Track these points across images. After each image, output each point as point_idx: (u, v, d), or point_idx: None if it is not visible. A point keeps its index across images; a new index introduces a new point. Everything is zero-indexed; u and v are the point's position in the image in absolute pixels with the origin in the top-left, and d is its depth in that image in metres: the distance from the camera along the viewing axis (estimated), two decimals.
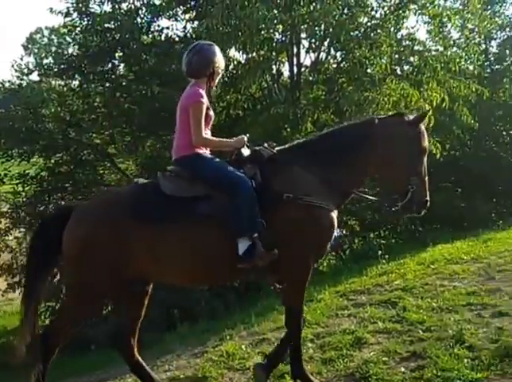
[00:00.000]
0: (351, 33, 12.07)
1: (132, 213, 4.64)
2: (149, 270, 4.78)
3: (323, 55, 13.57)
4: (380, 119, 5.16)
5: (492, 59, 20.01)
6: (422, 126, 5.13)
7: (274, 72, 12.87)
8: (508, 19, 20.12)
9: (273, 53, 12.36)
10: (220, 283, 6.73)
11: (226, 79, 13.28)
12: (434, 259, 9.74)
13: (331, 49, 13.44)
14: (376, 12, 13.31)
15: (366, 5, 12.94)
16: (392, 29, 13.12)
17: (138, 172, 15.48)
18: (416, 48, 13.48)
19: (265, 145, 5.05)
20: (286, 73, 13.68)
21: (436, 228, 16.23)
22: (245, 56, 12.32)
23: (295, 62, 13.23)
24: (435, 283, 8.21)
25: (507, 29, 20.03)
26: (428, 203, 5.10)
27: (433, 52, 13.95)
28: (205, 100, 4.88)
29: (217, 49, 5.09)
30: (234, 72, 13.20)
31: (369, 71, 12.52)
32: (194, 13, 14.00)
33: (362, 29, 12.32)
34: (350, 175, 5.01)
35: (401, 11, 13.05)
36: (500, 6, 20.08)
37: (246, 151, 5.00)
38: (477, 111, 15.71)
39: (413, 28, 13.96)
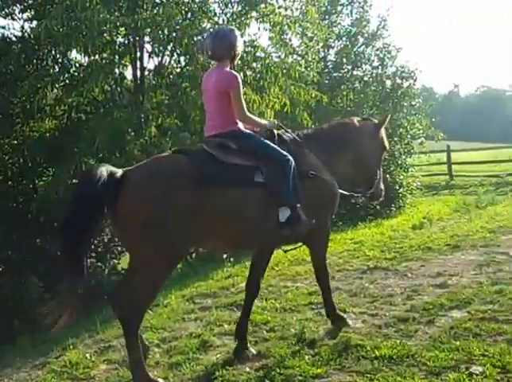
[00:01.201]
0: (195, 38, 12.11)
1: (201, 179, 4.95)
2: (212, 234, 5.19)
3: (166, 59, 13.48)
4: (360, 121, 6.55)
5: (330, 66, 20.79)
6: (383, 129, 6.62)
7: (117, 75, 12.62)
8: (344, 29, 20.97)
9: (116, 56, 12.16)
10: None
11: (67, 81, 12.92)
12: (278, 260, 9.99)
13: (175, 54, 13.41)
14: (219, 18, 13.45)
15: (209, 11, 13.08)
16: None
17: None
18: (258, 54, 13.73)
19: (282, 130, 5.93)
20: (129, 77, 13.48)
21: None
22: (87, 58, 12.00)
23: (138, 66, 13.06)
24: (279, 284, 8.46)
25: (344, 39, 20.87)
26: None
27: (275, 59, 14.29)
28: (240, 80, 5.47)
29: (237, 33, 5.77)
30: (76, 74, 12.85)
31: None
32: (32, 13, 13.45)
33: (206, 35, 12.35)
34: (341, 162, 6.14)
35: (243, 18, 13.27)
36: (336, 17, 20.89)
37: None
38: (317, 115, 16.26)
39: (255, 35, 14.17)
